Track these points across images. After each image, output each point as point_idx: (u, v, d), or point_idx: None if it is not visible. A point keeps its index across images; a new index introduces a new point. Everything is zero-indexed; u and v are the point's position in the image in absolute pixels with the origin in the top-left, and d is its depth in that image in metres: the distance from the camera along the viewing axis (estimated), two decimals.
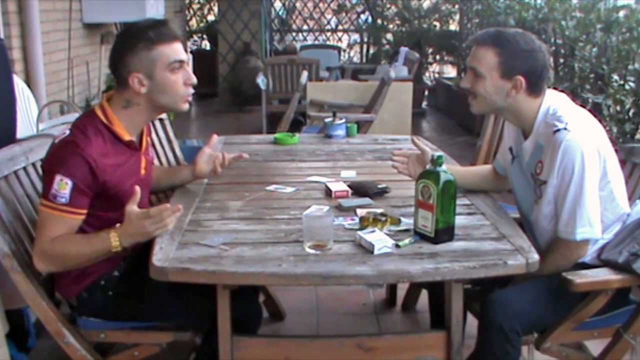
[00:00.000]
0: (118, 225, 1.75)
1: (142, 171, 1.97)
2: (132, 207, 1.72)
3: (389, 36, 9.19)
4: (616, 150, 2.00)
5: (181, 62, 1.86)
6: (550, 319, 1.92)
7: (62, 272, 1.89)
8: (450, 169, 1.82)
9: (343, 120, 3.09)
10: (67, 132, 1.81)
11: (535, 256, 1.66)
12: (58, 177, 1.73)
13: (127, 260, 1.93)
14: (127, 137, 1.87)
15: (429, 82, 8.77)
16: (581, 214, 1.83)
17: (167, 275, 1.60)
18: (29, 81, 3.85)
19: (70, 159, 1.75)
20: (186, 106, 1.92)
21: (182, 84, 1.87)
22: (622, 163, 2.23)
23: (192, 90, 1.91)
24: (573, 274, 1.81)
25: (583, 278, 1.81)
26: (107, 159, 1.80)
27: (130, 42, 1.81)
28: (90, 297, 1.90)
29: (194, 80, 1.90)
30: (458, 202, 1.80)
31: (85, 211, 1.79)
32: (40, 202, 1.78)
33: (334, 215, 1.86)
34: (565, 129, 1.83)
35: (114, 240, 1.73)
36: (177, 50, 1.85)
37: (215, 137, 2.27)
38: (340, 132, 3.03)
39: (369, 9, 9.22)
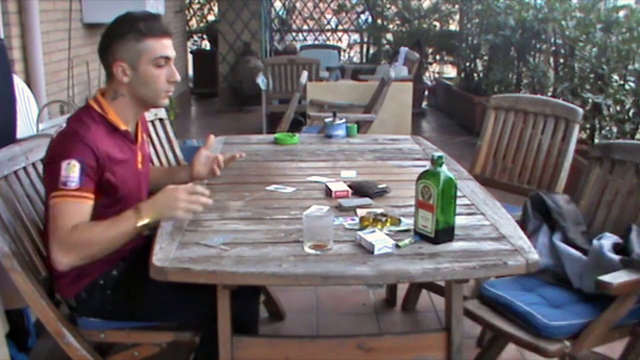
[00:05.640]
0: (141, 202, 1.77)
1: (139, 165, 1.98)
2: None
3: (389, 36, 9.19)
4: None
5: (167, 58, 1.87)
6: None
7: (60, 273, 1.88)
8: None
9: (343, 120, 3.09)
10: (64, 125, 1.82)
11: (534, 257, 1.66)
12: (65, 163, 1.72)
13: (125, 260, 1.93)
14: (122, 126, 1.89)
15: (429, 82, 8.77)
16: None
17: (167, 275, 1.60)
18: (29, 81, 3.85)
19: (73, 145, 1.75)
20: (166, 102, 1.94)
21: (164, 80, 1.87)
22: (599, 160, 2.26)
23: (173, 88, 1.92)
24: (609, 276, 1.79)
25: (620, 280, 1.79)
26: (106, 147, 1.81)
27: (120, 31, 1.83)
28: (89, 297, 1.90)
29: (178, 78, 1.91)
30: (458, 202, 1.80)
31: (93, 197, 1.78)
32: (51, 196, 1.75)
33: (334, 215, 1.86)
34: None
35: (138, 214, 1.73)
36: (165, 46, 1.86)
37: (212, 138, 2.26)
38: (340, 132, 3.03)
39: (369, 9, 9.21)
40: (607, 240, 2.02)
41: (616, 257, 1.92)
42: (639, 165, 2.15)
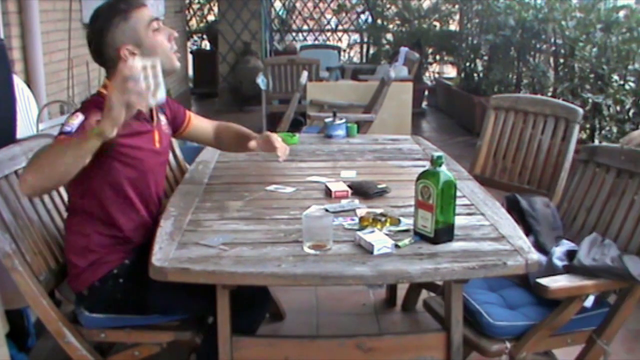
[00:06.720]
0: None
1: (157, 144, 1.99)
2: None
3: (389, 36, 9.19)
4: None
5: (157, 20, 1.90)
6: None
7: (76, 258, 1.90)
8: None
9: (343, 120, 3.09)
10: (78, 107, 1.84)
11: (534, 257, 1.66)
12: (71, 115, 1.75)
13: (137, 251, 1.95)
14: None
15: (429, 82, 8.77)
16: None
17: (166, 275, 1.61)
18: (29, 81, 3.85)
19: (87, 105, 1.80)
20: (178, 64, 1.96)
21: (167, 41, 1.91)
22: (585, 163, 2.26)
23: (176, 46, 1.95)
24: (548, 280, 1.81)
25: (558, 284, 1.81)
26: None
27: (104, 21, 1.84)
28: (102, 286, 1.90)
29: (176, 34, 1.94)
30: (458, 202, 1.80)
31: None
32: None
33: (333, 215, 1.86)
34: None
35: (92, 128, 1.57)
36: (149, 12, 1.89)
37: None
38: (340, 132, 3.03)
39: (369, 9, 9.22)
40: (562, 247, 2.03)
41: (561, 264, 1.94)
42: (621, 169, 2.13)
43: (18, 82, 3.06)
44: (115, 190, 1.88)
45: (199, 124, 2.30)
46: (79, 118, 1.74)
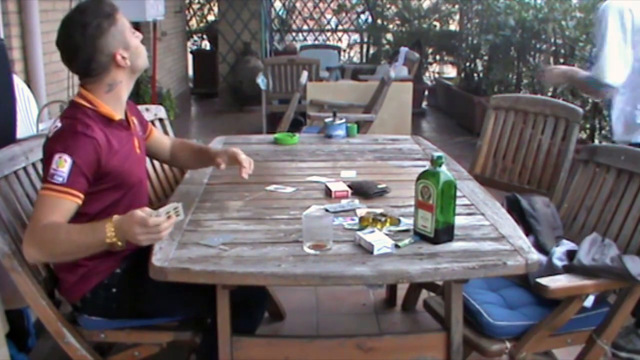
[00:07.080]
0: (116, 216, 1.64)
1: (137, 150, 1.98)
2: (138, 210, 1.61)
3: (389, 36, 9.18)
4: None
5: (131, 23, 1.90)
6: None
7: (65, 273, 1.90)
8: None
9: (343, 120, 3.09)
10: (58, 124, 1.78)
11: (534, 257, 1.66)
12: (57, 156, 1.70)
13: (129, 258, 1.93)
14: (117, 116, 1.88)
15: (429, 82, 8.77)
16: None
17: (166, 275, 1.61)
18: (29, 81, 3.85)
19: (70, 140, 1.73)
20: (148, 63, 1.97)
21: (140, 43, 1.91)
22: (585, 163, 2.26)
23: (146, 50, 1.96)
24: (548, 279, 1.81)
25: (558, 283, 1.81)
26: (105, 140, 1.80)
27: (96, 27, 1.77)
28: (94, 297, 1.90)
29: (141, 36, 1.93)
30: (458, 202, 1.80)
31: (82, 195, 1.73)
32: (40, 188, 1.74)
33: (333, 215, 1.86)
34: None
35: (109, 230, 1.61)
36: (123, 15, 1.87)
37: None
38: (340, 132, 3.03)
39: (369, 9, 9.21)
40: (562, 247, 2.03)
41: (560, 264, 1.94)
42: (621, 170, 2.12)
43: (18, 82, 3.05)
44: (106, 213, 1.80)
45: (159, 138, 2.28)
46: (67, 163, 1.69)
